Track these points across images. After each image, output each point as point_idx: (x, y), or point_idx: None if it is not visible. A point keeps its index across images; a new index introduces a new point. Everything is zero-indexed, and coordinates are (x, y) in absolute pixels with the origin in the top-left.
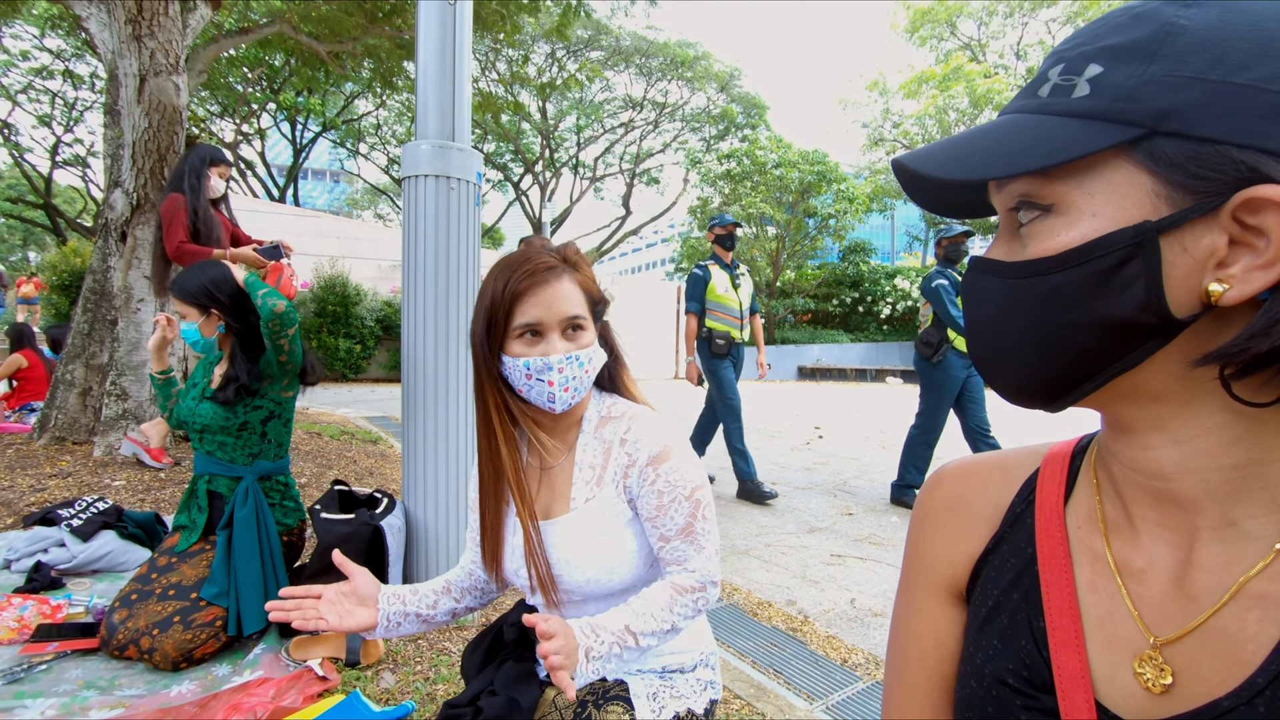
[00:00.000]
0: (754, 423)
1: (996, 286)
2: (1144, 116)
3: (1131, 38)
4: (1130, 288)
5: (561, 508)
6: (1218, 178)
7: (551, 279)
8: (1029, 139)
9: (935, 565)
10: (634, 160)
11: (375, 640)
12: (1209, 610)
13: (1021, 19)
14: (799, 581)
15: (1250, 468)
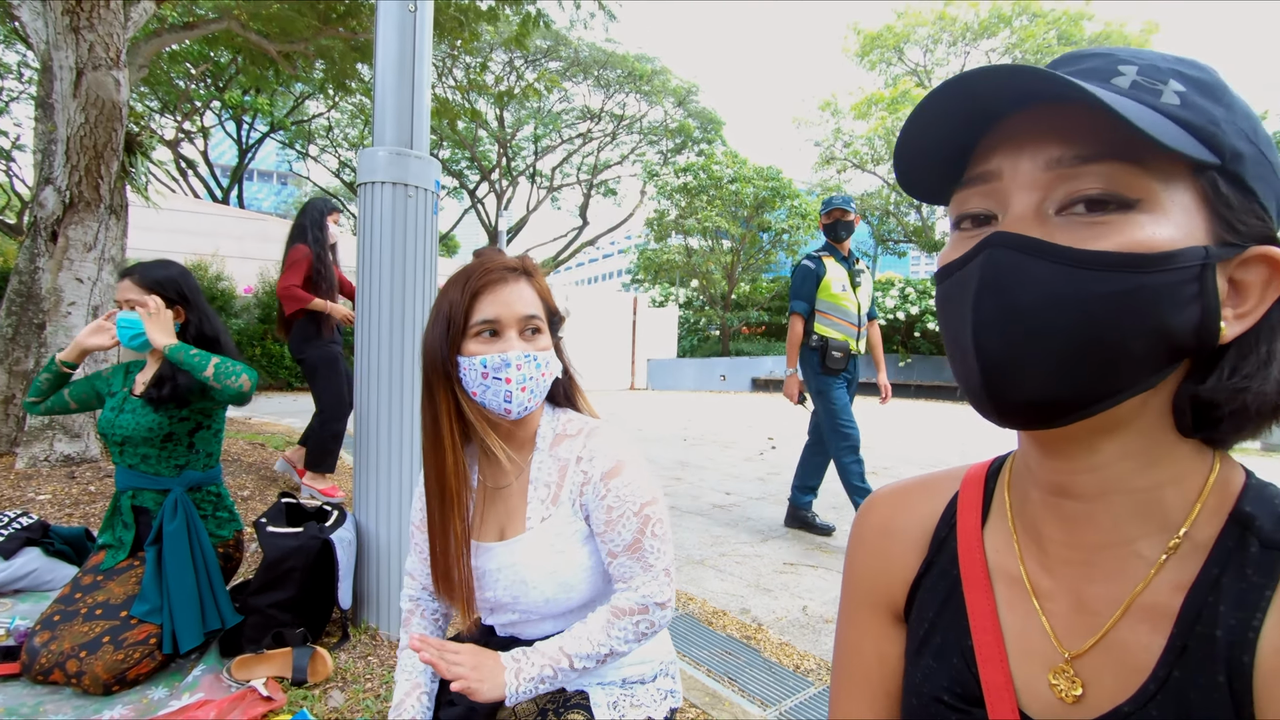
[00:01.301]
0: (709, 434)
1: (1056, 276)
2: (1223, 150)
3: (1198, 75)
4: (1189, 307)
5: (517, 527)
6: (1244, 229)
7: (510, 279)
8: (1156, 122)
9: (874, 588)
10: (591, 171)
11: (323, 656)
12: (1107, 625)
13: (964, 48)
14: (752, 590)
15: (1152, 491)
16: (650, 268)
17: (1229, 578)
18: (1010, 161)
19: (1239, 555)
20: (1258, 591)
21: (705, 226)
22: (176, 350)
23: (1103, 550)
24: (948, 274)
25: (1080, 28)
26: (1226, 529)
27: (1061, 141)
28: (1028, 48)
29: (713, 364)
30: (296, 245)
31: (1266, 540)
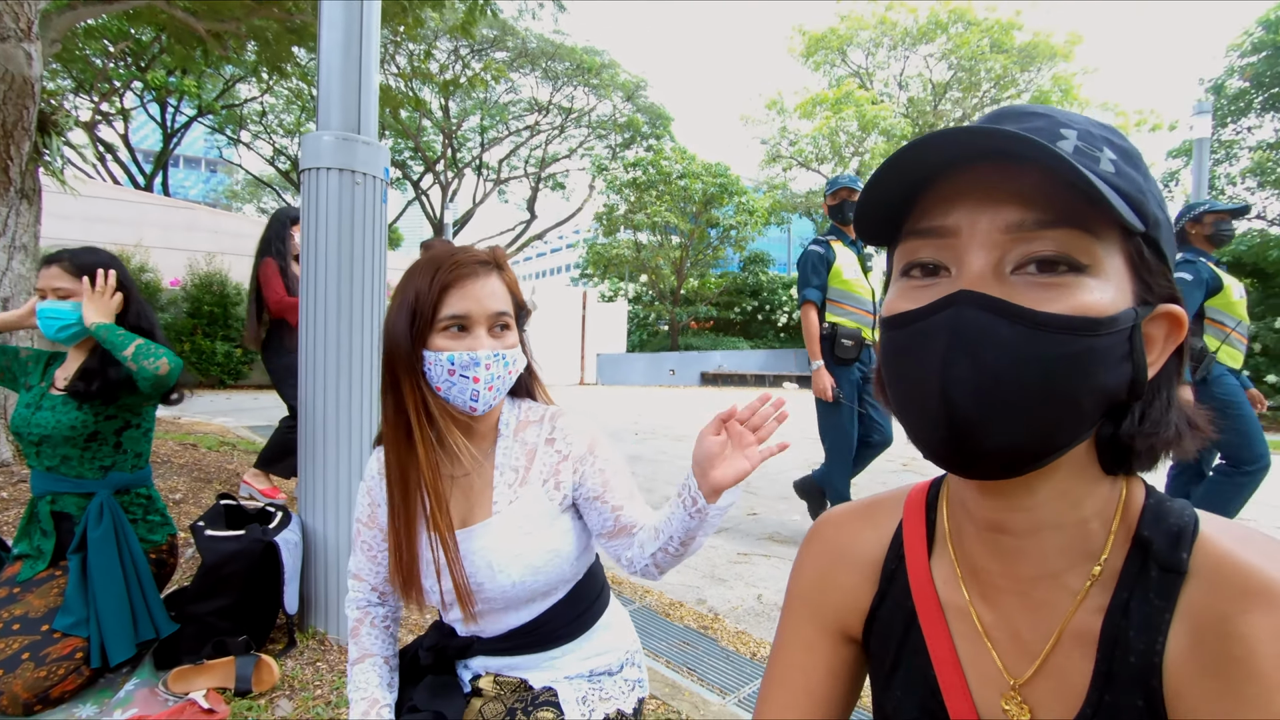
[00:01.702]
0: (660, 427)
1: (1019, 336)
2: (1148, 217)
3: (1124, 146)
4: (1123, 364)
5: (483, 513)
6: (1157, 289)
7: (482, 274)
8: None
9: (825, 612)
10: (539, 164)
11: (268, 664)
12: (1043, 652)
13: (903, 52)
14: (708, 581)
15: (1080, 526)
16: (599, 262)
17: (1135, 602)
18: (969, 220)
19: (1143, 579)
20: (1159, 615)
21: (654, 222)
22: (105, 328)
23: (1035, 582)
24: (903, 323)
25: (1011, 37)
26: (1131, 553)
27: (1021, 205)
28: (962, 54)
29: (662, 359)
30: (265, 260)
31: (1163, 563)
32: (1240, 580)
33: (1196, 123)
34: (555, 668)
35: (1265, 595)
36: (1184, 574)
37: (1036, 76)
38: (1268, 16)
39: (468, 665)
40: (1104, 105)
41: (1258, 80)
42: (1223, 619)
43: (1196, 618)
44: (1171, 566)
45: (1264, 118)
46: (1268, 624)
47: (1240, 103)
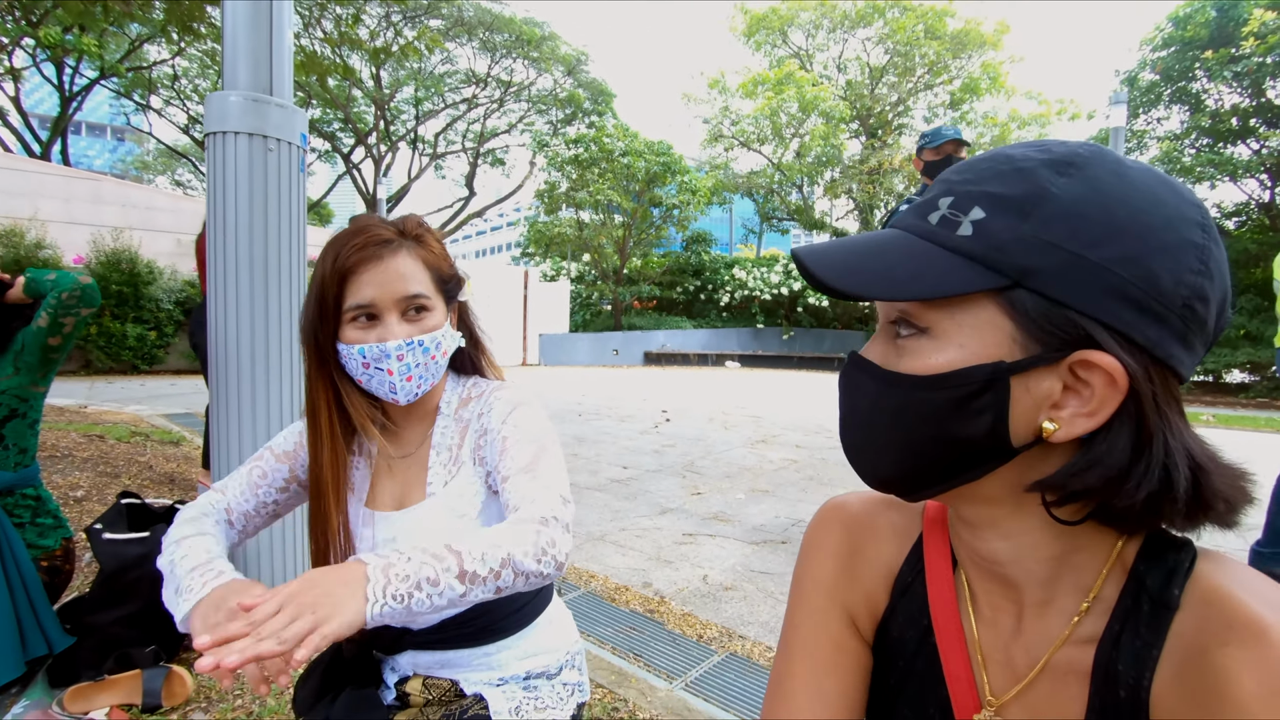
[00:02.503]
0: (604, 407)
1: (872, 386)
2: (1011, 270)
3: (1010, 191)
4: (982, 415)
5: (417, 495)
6: (1062, 335)
7: (386, 254)
8: (917, 267)
9: (838, 595)
10: (478, 139)
11: (180, 676)
12: (1027, 678)
13: (843, 35)
14: (654, 563)
15: (1064, 557)
16: (541, 241)
17: (1126, 635)
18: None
19: (1135, 613)
20: (1147, 650)
21: (597, 200)
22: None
23: (1028, 608)
24: None
25: (944, 23)
26: (1126, 586)
27: None
28: (898, 39)
29: (605, 338)
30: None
31: (1155, 599)
32: (1226, 614)
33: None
34: (492, 666)
35: (1247, 629)
36: (1174, 609)
37: (967, 64)
38: (1177, 13)
39: (395, 665)
40: (1028, 94)
41: (1166, 74)
42: (1205, 651)
43: (1183, 651)
44: (1163, 602)
45: (1171, 109)
46: (1246, 657)
47: (1151, 95)
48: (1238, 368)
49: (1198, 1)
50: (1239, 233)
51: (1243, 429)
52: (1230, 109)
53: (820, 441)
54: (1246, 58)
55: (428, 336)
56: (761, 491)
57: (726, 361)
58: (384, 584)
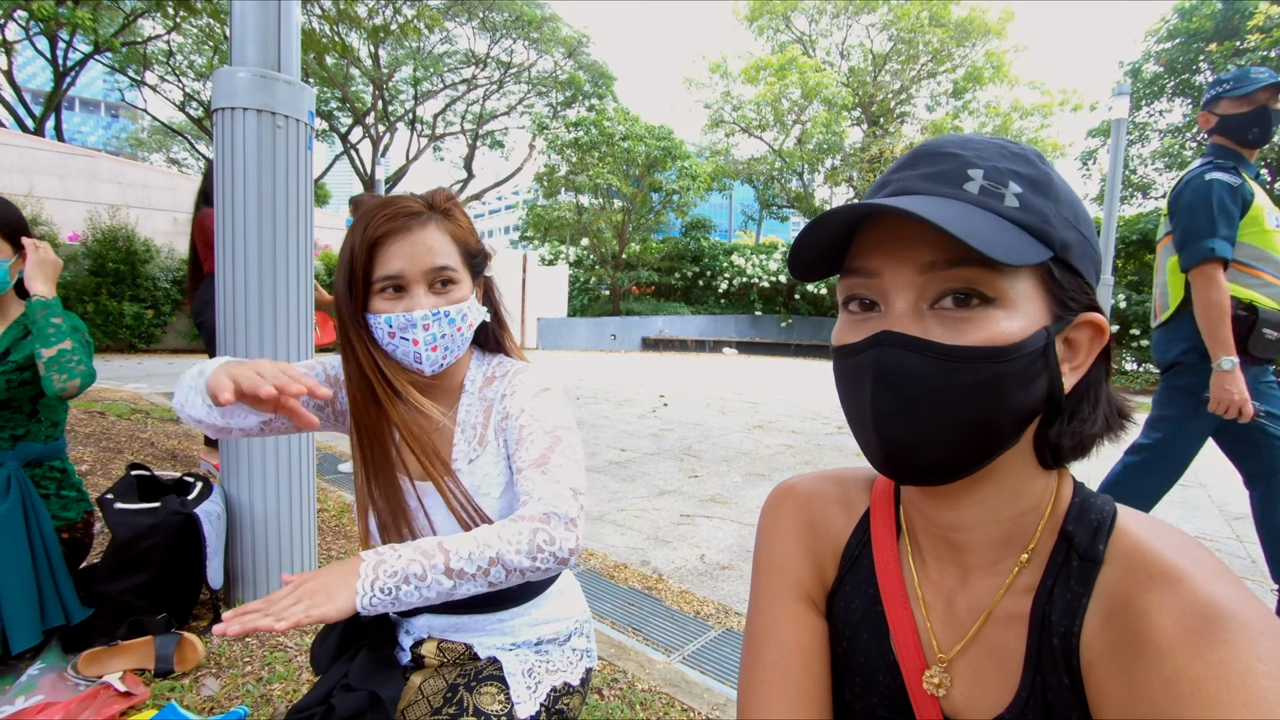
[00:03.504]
0: (602, 392)
1: (929, 367)
2: (1055, 243)
3: (1031, 173)
4: (1040, 378)
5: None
6: (1075, 301)
7: (415, 226)
8: (996, 233)
9: (793, 574)
10: (477, 121)
11: (192, 642)
12: (971, 630)
13: (846, 20)
14: (652, 543)
15: (1016, 519)
16: (540, 225)
17: (1059, 588)
18: (889, 264)
19: (1066, 567)
20: (1077, 600)
21: (596, 184)
22: (44, 306)
23: (976, 570)
24: (845, 354)
25: (948, 10)
26: (1057, 543)
27: (932, 248)
28: (902, 26)
29: (604, 323)
30: (205, 211)
31: (1083, 554)
32: (1146, 565)
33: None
34: (504, 632)
35: (1164, 576)
36: (1100, 563)
37: (971, 52)
38: (1183, 4)
39: (410, 628)
40: (1032, 83)
41: (1171, 66)
42: (1128, 599)
43: (1109, 600)
44: (1090, 557)
45: (1174, 102)
46: (1165, 600)
47: (1154, 87)
48: None
49: None
50: None
51: None
52: None
53: (816, 428)
54: (1251, 51)
55: (454, 308)
56: (758, 475)
57: (724, 348)
58: (372, 579)
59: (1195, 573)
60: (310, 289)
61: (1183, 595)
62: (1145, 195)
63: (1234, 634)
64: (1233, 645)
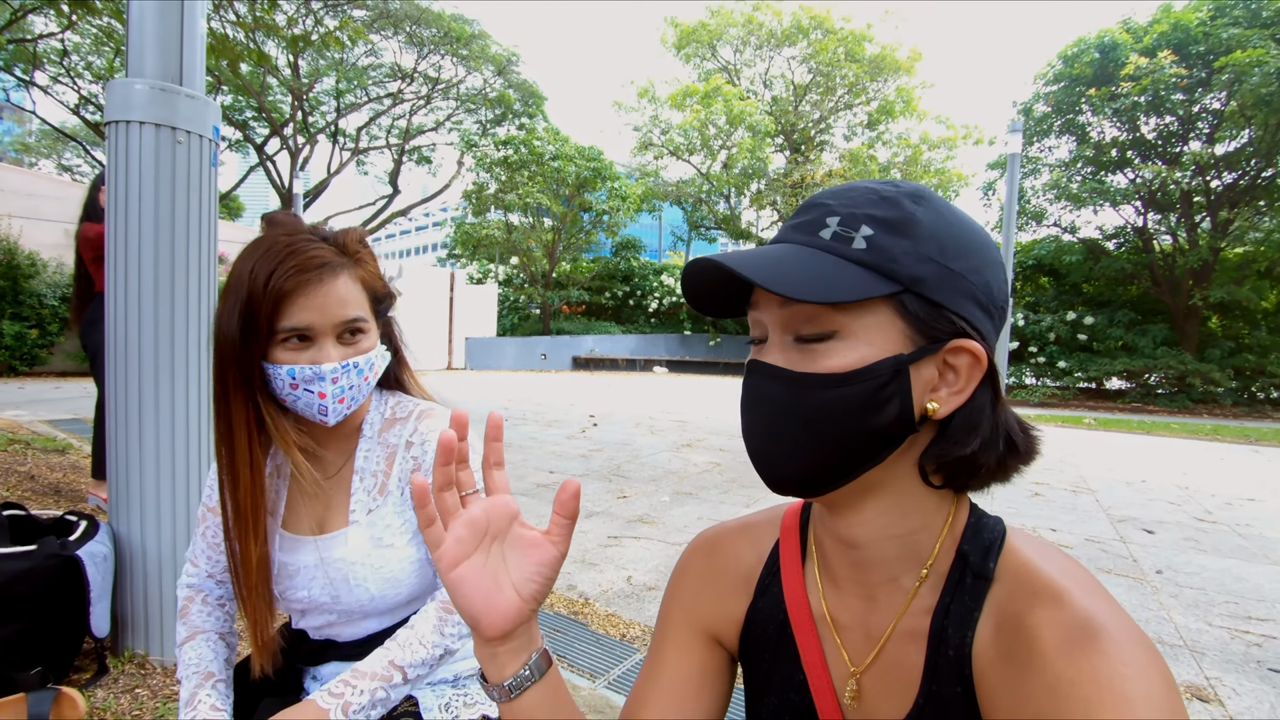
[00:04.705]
0: (531, 413)
1: (782, 390)
2: (903, 278)
3: (888, 215)
4: (890, 402)
5: (339, 520)
6: (939, 330)
7: (326, 277)
8: (827, 275)
9: (700, 619)
10: (403, 135)
11: (71, 698)
12: (878, 645)
13: (769, 52)
14: (579, 566)
15: (908, 537)
16: (468, 243)
17: (955, 604)
18: (764, 303)
19: (961, 585)
20: (970, 614)
21: (526, 203)
22: None
23: (879, 586)
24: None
25: (862, 48)
26: (954, 563)
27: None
28: (821, 59)
29: (534, 343)
30: (86, 225)
31: (976, 571)
32: (1031, 583)
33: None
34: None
35: (1047, 593)
36: (991, 580)
37: (884, 87)
38: (1066, 52)
39: (318, 675)
40: (938, 118)
41: (1057, 106)
42: (1017, 614)
43: (998, 615)
44: (982, 574)
45: (1061, 139)
46: (1048, 616)
47: (1044, 125)
48: (1116, 375)
49: (1084, 43)
50: (1118, 253)
51: (1120, 430)
52: (1110, 141)
53: (742, 445)
54: (1124, 96)
55: (362, 359)
56: (686, 494)
57: (654, 367)
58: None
59: (1074, 590)
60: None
61: (1063, 611)
62: (1039, 223)
63: (1105, 644)
64: (1104, 653)
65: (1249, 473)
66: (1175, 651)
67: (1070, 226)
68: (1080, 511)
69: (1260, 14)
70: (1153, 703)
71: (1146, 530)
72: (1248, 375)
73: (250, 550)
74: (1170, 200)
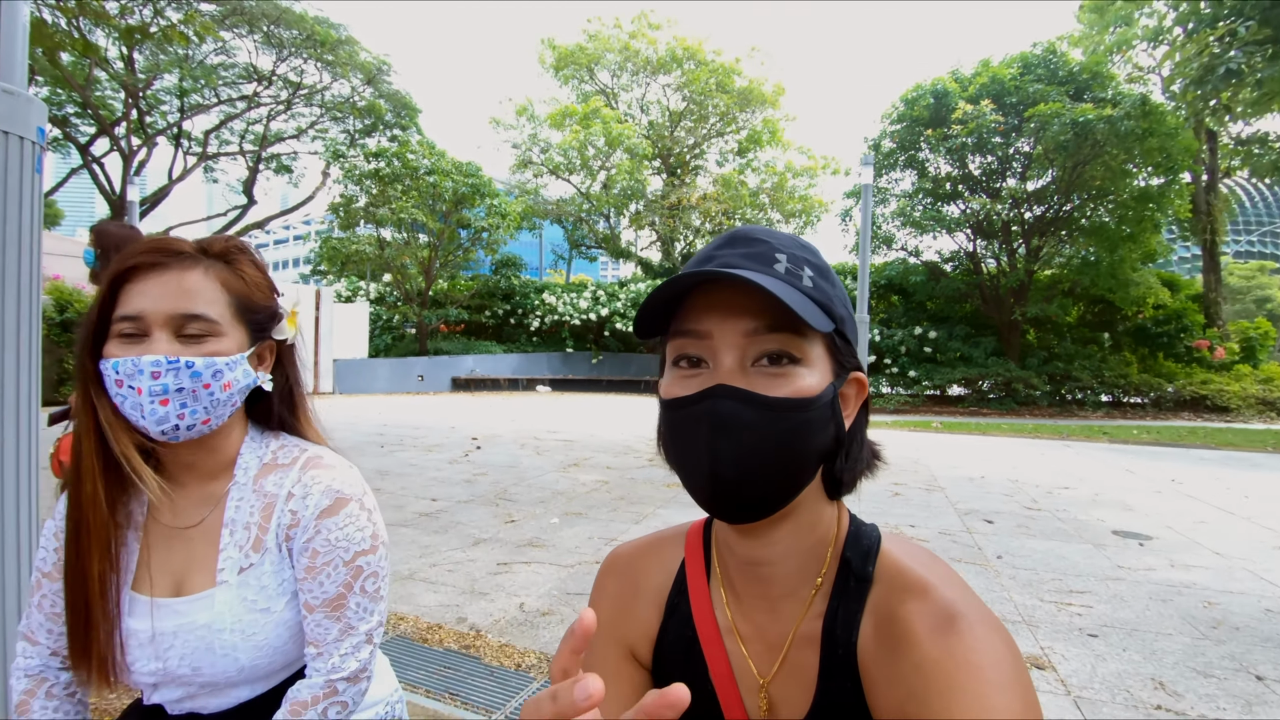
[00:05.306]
0: (409, 437)
1: (756, 414)
2: (836, 317)
3: (819, 263)
4: (830, 423)
5: (204, 580)
6: (847, 363)
7: (173, 265)
8: (806, 306)
9: (625, 640)
10: (259, 142)
11: None
12: (781, 654)
13: (645, 79)
14: (468, 596)
15: (812, 550)
16: (336, 258)
17: (842, 607)
18: (719, 326)
19: (845, 588)
20: (854, 615)
21: (400, 218)
22: None
23: (781, 599)
24: (678, 406)
25: (732, 80)
26: (840, 569)
27: (754, 316)
28: (694, 88)
29: (409, 364)
30: None
31: (857, 575)
32: (903, 580)
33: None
34: None
35: (916, 588)
36: (870, 581)
37: (752, 117)
38: (907, 95)
39: None
40: (800, 149)
41: (901, 143)
42: (892, 610)
43: (878, 612)
44: (863, 577)
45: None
46: (917, 607)
47: (890, 159)
48: (955, 383)
49: (921, 89)
50: (954, 274)
51: (961, 432)
52: (945, 176)
53: (629, 462)
54: (955, 137)
55: (201, 360)
56: (575, 515)
57: (537, 386)
58: None
59: (937, 584)
60: (38, 335)
61: (930, 602)
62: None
63: (962, 626)
64: (961, 634)
65: (1063, 465)
66: (1016, 627)
67: (915, 250)
68: (933, 508)
69: (1057, 73)
70: (1003, 675)
71: (987, 520)
72: (1058, 380)
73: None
74: (994, 228)
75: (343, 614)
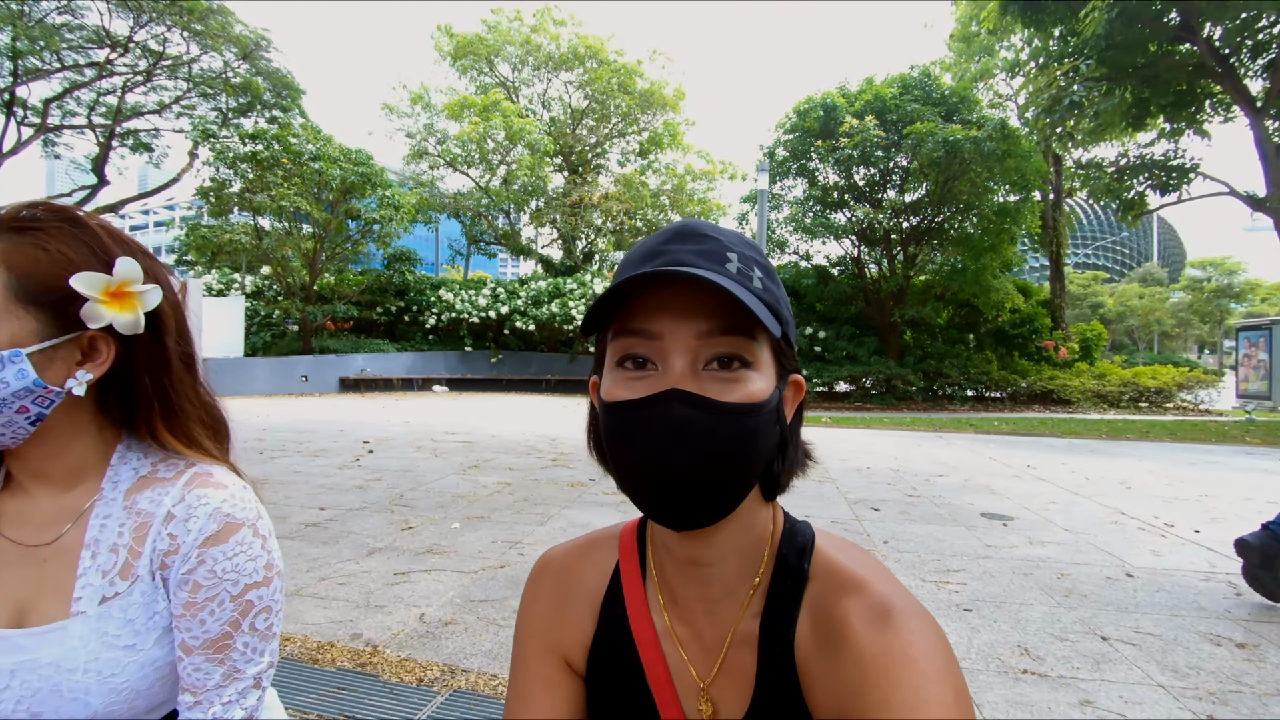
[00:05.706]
0: (292, 442)
1: (711, 421)
2: (783, 319)
3: (766, 264)
4: (775, 426)
5: (55, 610)
6: (788, 366)
7: None
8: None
9: (559, 647)
10: (111, 114)
11: None
12: (720, 656)
13: (547, 74)
14: (362, 611)
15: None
16: (205, 248)
17: (779, 605)
18: (671, 327)
19: (782, 587)
20: (790, 613)
21: (280, 206)
22: None
23: (719, 600)
24: (624, 410)
25: (634, 81)
26: (776, 567)
27: (708, 318)
28: (596, 87)
29: (292, 363)
30: None
31: (793, 573)
32: (838, 577)
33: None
34: None
35: (852, 585)
36: (806, 579)
37: (654, 120)
38: (799, 107)
39: None
40: (699, 153)
41: (793, 152)
42: (828, 607)
43: (814, 610)
44: (799, 575)
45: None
46: (853, 604)
47: (784, 167)
48: (842, 380)
49: (812, 101)
50: (841, 278)
51: (848, 426)
52: (833, 185)
53: (531, 462)
54: (842, 149)
55: None
56: (477, 518)
57: (434, 386)
58: None
59: (871, 580)
60: None
61: (865, 598)
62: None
63: (897, 621)
64: (896, 628)
65: (937, 454)
66: None
67: (806, 255)
68: (826, 498)
69: (931, 95)
70: (936, 666)
71: (874, 509)
72: (931, 376)
73: None
74: (876, 236)
75: (227, 656)
